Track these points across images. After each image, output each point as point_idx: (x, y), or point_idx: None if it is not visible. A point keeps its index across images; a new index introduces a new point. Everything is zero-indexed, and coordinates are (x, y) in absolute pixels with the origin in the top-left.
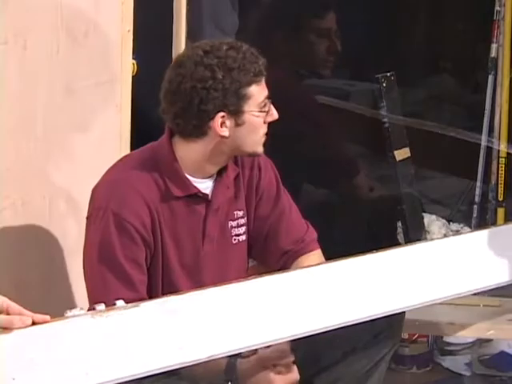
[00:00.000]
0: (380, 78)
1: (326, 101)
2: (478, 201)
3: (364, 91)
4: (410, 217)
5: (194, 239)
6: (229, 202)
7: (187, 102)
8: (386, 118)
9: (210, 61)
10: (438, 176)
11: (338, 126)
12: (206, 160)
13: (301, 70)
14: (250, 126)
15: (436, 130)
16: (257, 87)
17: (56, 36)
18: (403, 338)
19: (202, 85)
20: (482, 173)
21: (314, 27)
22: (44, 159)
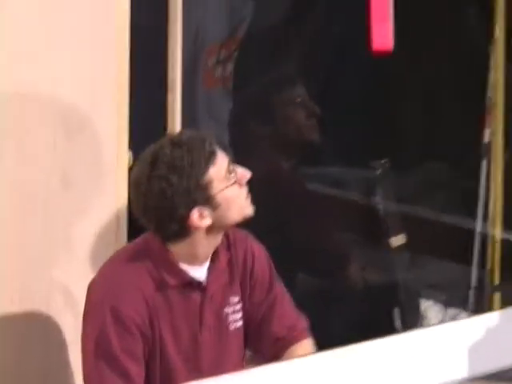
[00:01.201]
0: (375, 165)
1: (321, 189)
2: (474, 285)
3: (359, 178)
4: (406, 303)
5: (192, 328)
6: (224, 288)
7: (159, 217)
8: (380, 205)
9: (160, 171)
10: (435, 261)
11: (333, 214)
12: (198, 250)
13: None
14: (227, 202)
15: (431, 217)
16: (214, 167)
17: (53, 130)
18: None
19: (164, 196)
20: (477, 258)
21: (288, 101)
22: (43, 253)
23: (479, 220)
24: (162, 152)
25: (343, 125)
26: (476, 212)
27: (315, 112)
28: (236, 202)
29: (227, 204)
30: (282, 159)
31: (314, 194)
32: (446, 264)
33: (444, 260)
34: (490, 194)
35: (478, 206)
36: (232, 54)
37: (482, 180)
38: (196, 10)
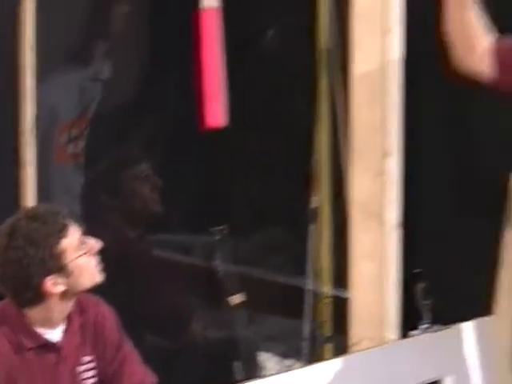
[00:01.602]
0: (214, 232)
1: (166, 254)
2: (307, 338)
3: (200, 244)
4: (245, 356)
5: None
6: (77, 349)
7: (16, 285)
8: (220, 268)
9: (17, 242)
10: (272, 317)
11: (177, 277)
12: (52, 315)
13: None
14: (79, 270)
15: (267, 277)
16: (66, 239)
17: None
18: None
19: (20, 266)
20: (309, 312)
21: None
22: None
23: (310, 278)
24: (18, 224)
25: (185, 195)
26: (306, 271)
27: (158, 185)
28: (87, 270)
29: (79, 272)
30: (129, 229)
31: (159, 259)
32: (282, 319)
33: (280, 315)
34: (319, 255)
35: (308, 266)
36: (83, 132)
37: (311, 242)
38: (48, 90)
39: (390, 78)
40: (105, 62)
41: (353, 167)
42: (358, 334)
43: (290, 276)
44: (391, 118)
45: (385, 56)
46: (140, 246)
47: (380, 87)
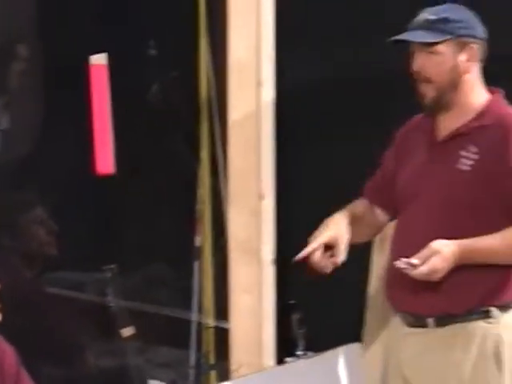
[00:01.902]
0: (105, 270)
1: (61, 292)
2: (192, 365)
3: (93, 281)
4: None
5: None
6: None
7: None
8: (112, 303)
9: None
10: (162, 347)
11: (71, 312)
12: None
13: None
14: None
15: (156, 310)
16: None
17: None
18: None
19: None
20: (195, 342)
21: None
22: None
23: (194, 311)
24: None
25: (78, 237)
26: (192, 305)
27: (53, 229)
28: None
29: None
30: (26, 269)
31: (55, 296)
32: (170, 349)
33: (168, 345)
34: (203, 289)
35: (193, 299)
36: None
37: (195, 278)
38: None
39: (263, 125)
40: (3, 114)
41: (231, 209)
42: (238, 361)
43: (176, 309)
44: (265, 163)
45: (258, 106)
46: (37, 285)
47: (254, 134)
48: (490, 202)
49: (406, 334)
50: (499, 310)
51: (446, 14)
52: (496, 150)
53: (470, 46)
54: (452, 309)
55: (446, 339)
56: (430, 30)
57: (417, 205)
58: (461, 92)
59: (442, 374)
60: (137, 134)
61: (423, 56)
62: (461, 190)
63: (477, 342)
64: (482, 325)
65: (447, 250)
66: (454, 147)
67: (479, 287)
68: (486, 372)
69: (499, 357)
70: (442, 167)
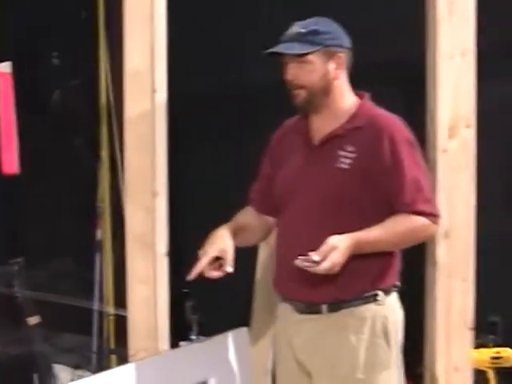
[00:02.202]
0: (12, 263)
1: None
2: (95, 351)
3: (1, 273)
4: (43, 368)
5: None
6: None
7: None
8: (19, 294)
9: None
10: (66, 334)
11: None
12: None
13: None
14: None
15: (60, 300)
16: None
17: None
18: None
19: None
20: (96, 329)
21: None
22: None
23: (96, 300)
24: None
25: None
26: (94, 295)
27: None
28: None
29: None
30: None
31: None
32: (74, 336)
33: (72, 333)
34: (104, 280)
35: (95, 290)
36: None
37: (96, 270)
38: None
39: (158, 129)
40: None
41: (128, 205)
42: (136, 346)
43: (79, 299)
44: (159, 164)
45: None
46: None
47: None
48: (369, 197)
49: (298, 320)
50: (384, 294)
51: (314, 26)
52: (371, 148)
53: (338, 55)
54: (343, 295)
55: (339, 323)
56: (301, 42)
57: (296, 205)
58: (332, 97)
59: (336, 355)
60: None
61: (295, 66)
62: (342, 187)
63: (368, 323)
64: (371, 307)
65: (343, 244)
66: (331, 148)
67: (366, 274)
68: (378, 349)
69: (387, 334)
70: (321, 168)
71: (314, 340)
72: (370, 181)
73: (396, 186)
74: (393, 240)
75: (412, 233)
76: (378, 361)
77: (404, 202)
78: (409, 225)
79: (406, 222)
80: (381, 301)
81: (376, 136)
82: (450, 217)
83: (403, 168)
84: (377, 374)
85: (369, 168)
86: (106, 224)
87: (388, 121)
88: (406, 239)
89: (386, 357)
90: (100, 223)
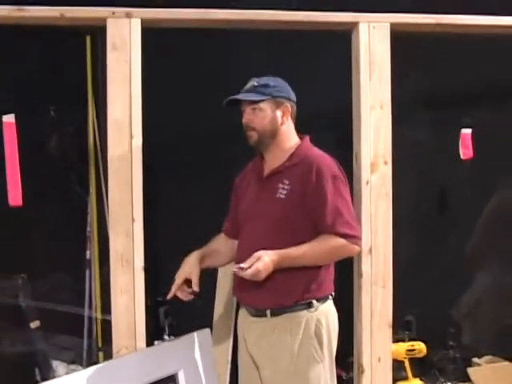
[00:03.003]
0: (17, 278)
1: None
2: (86, 349)
3: (7, 286)
4: (43, 364)
5: None
6: None
7: None
8: (23, 303)
9: None
10: (63, 336)
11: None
12: None
13: None
14: None
15: (58, 308)
16: None
17: None
18: None
19: None
20: (87, 330)
21: None
22: None
23: (86, 308)
24: None
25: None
26: (85, 303)
27: None
28: None
29: None
30: None
31: None
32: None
33: (67, 334)
34: (92, 291)
35: (85, 299)
36: None
37: (87, 283)
38: None
39: (135, 167)
40: None
41: (112, 230)
42: (119, 345)
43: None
44: (136, 196)
45: (131, 153)
46: None
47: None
48: (300, 220)
49: (251, 321)
50: (317, 302)
51: (266, 81)
52: (302, 181)
53: (285, 105)
54: (283, 302)
55: (280, 325)
56: (254, 93)
57: (249, 226)
58: (278, 138)
59: (277, 351)
60: (41, 175)
61: (250, 111)
62: (280, 213)
63: (303, 326)
64: (306, 313)
65: (267, 257)
66: (273, 182)
67: (302, 285)
68: (310, 348)
69: (319, 336)
70: (266, 197)
71: (261, 338)
72: (301, 207)
73: (320, 211)
74: (315, 256)
75: (332, 250)
76: (310, 357)
77: (326, 224)
78: (329, 244)
79: (328, 242)
80: (314, 308)
81: (307, 171)
82: (373, 237)
83: (326, 197)
84: (309, 367)
85: (300, 197)
86: (94, 246)
87: (318, 158)
88: (327, 256)
89: (317, 354)
90: (89, 245)
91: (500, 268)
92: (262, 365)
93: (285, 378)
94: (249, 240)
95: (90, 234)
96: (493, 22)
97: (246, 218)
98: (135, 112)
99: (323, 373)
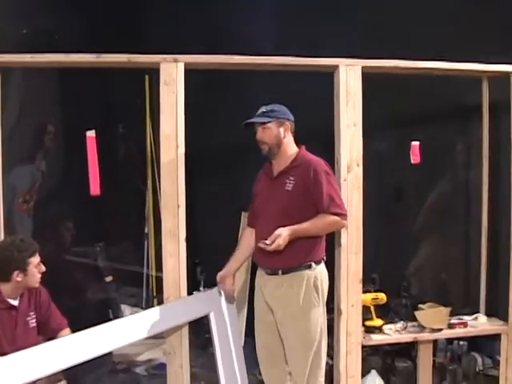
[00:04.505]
0: (97, 246)
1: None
2: (146, 297)
3: (90, 252)
4: (115, 307)
5: (11, 327)
6: (26, 309)
7: (0, 267)
8: (101, 263)
9: (13, 246)
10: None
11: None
12: (13, 290)
13: None
14: (31, 275)
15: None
16: (33, 258)
17: None
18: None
19: (6, 260)
20: (146, 283)
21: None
22: None
23: (145, 267)
24: (13, 240)
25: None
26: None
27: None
28: (34, 277)
29: (31, 276)
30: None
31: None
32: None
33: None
34: (150, 256)
35: (146, 261)
36: (32, 196)
37: (146, 250)
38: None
39: (179, 168)
40: (42, 161)
41: (163, 212)
42: (168, 293)
43: (136, 266)
44: (180, 188)
45: (176, 158)
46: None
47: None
48: (304, 205)
49: (266, 278)
50: (315, 264)
51: (272, 107)
52: (303, 176)
53: (286, 124)
54: (290, 264)
55: (289, 281)
56: (264, 116)
57: (266, 212)
58: (282, 149)
59: (287, 300)
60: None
61: (261, 130)
62: (289, 201)
63: (305, 281)
64: (307, 272)
65: (285, 233)
66: (282, 179)
67: (303, 252)
68: (312, 297)
69: (317, 288)
70: (277, 190)
71: (274, 290)
72: (304, 196)
73: (318, 198)
74: (317, 229)
75: (328, 224)
76: (311, 303)
77: (323, 207)
78: (326, 220)
79: (325, 219)
80: (313, 268)
81: (306, 169)
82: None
83: (322, 188)
84: (310, 310)
85: (302, 188)
86: (150, 223)
87: (314, 160)
88: (325, 229)
89: (316, 300)
90: (147, 223)
91: (437, 241)
92: (276, 309)
93: (293, 317)
94: (266, 221)
95: (148, 215)
96: (433, 65)
97: (263, 207)
98: (180, 129)
99: (319, 314)
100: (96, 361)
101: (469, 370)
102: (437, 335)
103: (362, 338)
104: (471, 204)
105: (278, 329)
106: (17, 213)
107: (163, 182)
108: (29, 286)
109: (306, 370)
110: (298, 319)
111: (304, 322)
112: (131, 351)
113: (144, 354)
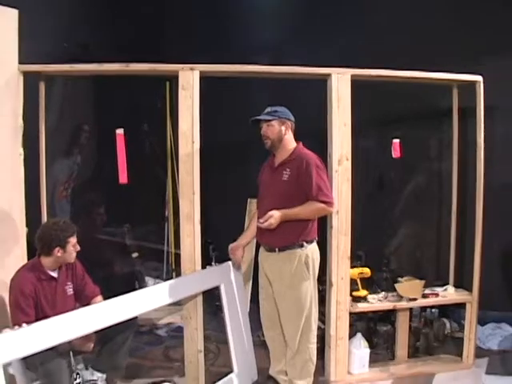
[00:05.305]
0: (124, 226)
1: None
2: (166, 270)
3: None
4: (140, 279)
5: (52, 295)
6: (65, 279)
7: (44, 245)
8: (128, 241)
9: (56, 226)
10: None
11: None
12: (53, 264)
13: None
14: (69, 252)
15: (148, 245)
16: (72, 238)
17: None
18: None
19: (49, 238)
20: (166, 259)
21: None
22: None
23: (166, 245)
24: (56, 222)
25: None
26: (166, 242)
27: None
28: (71, 254)
29: (69, 253)
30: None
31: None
32: (155, 262)
33: (155, 261)
34: (169, 235)
35: (167, 240)
36: (70, 186)
37: (166, 230)
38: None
39: (195, 161)
40: (78, 156)
41: (181, 198)
42: (185, 267)
43: (158, 244)
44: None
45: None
46: (95, 235)
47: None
48: (298, 192)
49: (266, 254)
50: (307, 243)
51: (276, 108)
52: (297, 168)
53: (287, 123)
54: (285, 243)
55: (284, 257)
56: (268, 115)
57: (267, 197)
58: (283, 144)
59: (282, 273)
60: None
61: (266, 127)
62: (285, 189)
63: (297, 258)
64: (299, 250)
65: (276, 214)
66: (280, 170)
67: (297, 232)
68: (302, 271)
69: (307, 264)
70: (276, 179)
71: (272, 265)
72: (297, 185)
73: (308, 187)
74: (306, 214)
75: (316, 210)
76: (301, 277)
77: (312, 195)
78: (314, 207)
79: (313, 205)
80: (305, 247)
81: (300, 162)
82: (339, 204)
83: (312, 178)
84: (301, 282)
85: (296, 179)
86: (170, 207)
87: (307, 155)
88: (312, 214)
89: (305, 275)
90: (167, 207)
91: (414, 223)
92: (273, 280)
93: (287, 288)
94: (266, 205)
95: (168, 200)
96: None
97: (264, 193)
98: (195, 127)
99: (309, 286)
100: (124, 324)
101: (439, 333)
102: (413, 304)
103: (349, 306)
104: (443, 192)
105: (275, 298)
106: (57, 199)
107: (181, 172)
108: (66, 262)
109: (297, 333)
110: (290, 290)
111: (295, 292)
112: (154, 316)
113: (165, 319)
